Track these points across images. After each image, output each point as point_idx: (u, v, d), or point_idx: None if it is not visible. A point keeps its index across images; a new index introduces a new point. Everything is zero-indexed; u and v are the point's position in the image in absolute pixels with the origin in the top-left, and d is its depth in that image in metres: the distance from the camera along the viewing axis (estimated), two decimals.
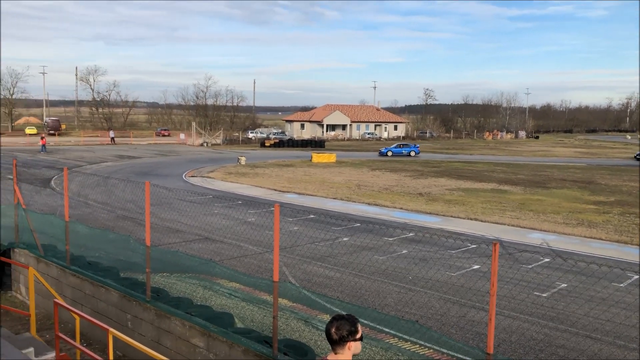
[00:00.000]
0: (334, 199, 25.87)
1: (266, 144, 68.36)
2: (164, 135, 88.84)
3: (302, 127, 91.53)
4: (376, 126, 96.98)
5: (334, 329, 3.38)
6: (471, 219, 21.01)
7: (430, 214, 22.14)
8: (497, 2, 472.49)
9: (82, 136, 76.10)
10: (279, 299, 6.95)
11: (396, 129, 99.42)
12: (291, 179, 33.24)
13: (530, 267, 14.14)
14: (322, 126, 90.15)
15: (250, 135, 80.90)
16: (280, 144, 68.70)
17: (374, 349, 7.52)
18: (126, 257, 10.02)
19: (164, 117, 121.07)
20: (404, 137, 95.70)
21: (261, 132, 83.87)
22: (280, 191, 28.17)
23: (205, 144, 69.42)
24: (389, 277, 13.01)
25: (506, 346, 9.18)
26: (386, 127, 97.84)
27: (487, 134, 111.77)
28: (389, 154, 55.88)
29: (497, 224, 20.25)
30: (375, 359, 7.40)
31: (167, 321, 7.93)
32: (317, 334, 8.23)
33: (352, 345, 3.39)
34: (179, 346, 7.73)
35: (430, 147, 74.28)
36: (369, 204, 24.27)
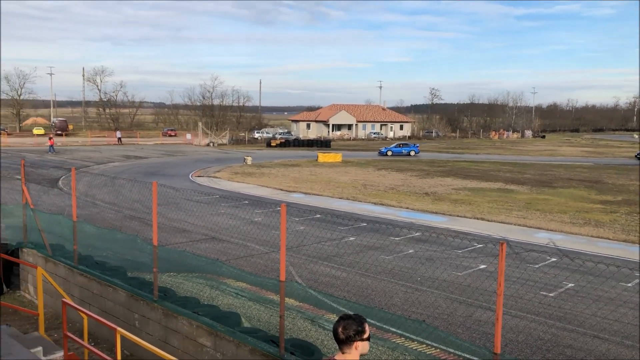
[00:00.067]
0: (340, 198, 25.87)
1: (272, 144, 68.45)
2: (171, 135, 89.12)
3: (308, 127, 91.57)
4: (382, 126, 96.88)
5: (340, 329, 3.39)
6: (477, 219, 20.96)
7: (436, 213, 22.11)
8: (504, 1, 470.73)
9: (89, 136, 76.45)
10: (286, 299, 6.97)
11: (402, 128, 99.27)
12: (297, 179, 33.26)
13: (537, 266, 14.09)
14: (328, 126, 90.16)
15: (256, 135, 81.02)
16: (286, 144, 68.76)
17: (380, 348, 7.52)
18: (133, 257, 10.06)
19: (171, 117, 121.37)
20: (409, 137, 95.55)
21: (267, 132, 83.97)
22: (286, 191, 28.20)
23: (211, 144, 69.58)
24: (396, 276, 13.00)
25: (513, 346, 9.16)
26: (392, 127, 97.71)
27: (493, 133, 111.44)
28: (388, 153, 55.82)
29: (504, 223, 20.19)
30: (382, 358, 7.40)
31: (175, 320, 7.96)
32: (323, 333, 8.24)
33: (359, 345, 3.39)
34: (187, 345, 7.76)
35: (436, 146, 74.15)
36: (375, 204, 24.26)
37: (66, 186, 27.79)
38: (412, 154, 56.38)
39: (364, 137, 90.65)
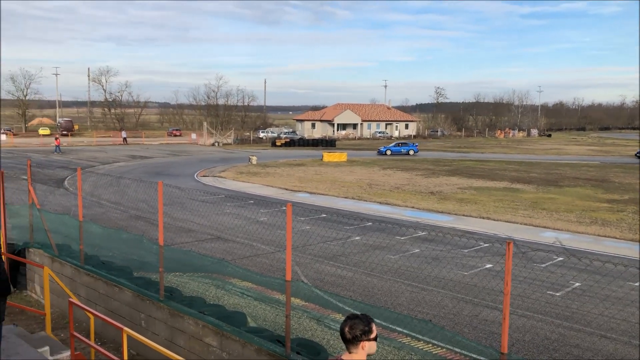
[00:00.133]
0: (346, 198, 25.85)
1: (277, 144, 68.48)
2: (176, 135, 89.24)
3: (313, 126, 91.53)
4: (387, 125, 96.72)
5: (347, 328, 3.38)
6: (483, 218, 20.90)
7: (442, 212, 22.05)
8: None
9: (94, 136, 76.67)
10: (292, 298, 6.96)
11: (407, 127, 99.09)
12: (302, 178, 33.26)
13: (543, 266, 14.04)
14: (332, 125, 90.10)
15: (261, 134, 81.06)
16: (291, 144, 68.75)
17: (386, 348, 7.50)
18: (139, 257, 10.08)
19: (176, 117, 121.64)
20: (415, 136, 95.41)
21: (272, 132, 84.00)
22: (291, 190, 28.20)
23: (216, 144, 69.66)
24: (401, 276, 12.97)
25: (520, 346, 9.13)
26: (397, 126, 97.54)
27: (499, 132, 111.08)
28: (387, 152, 55.72)
29: (510, 222, 20.13)
30: (388, 358, 7.38)
31: (181, 320, 7.97)
32: (329, 333, 8.23)
33: (366, 345, 3.38)
34: (193, 345, 7.76)
35: (441, 145, 74.00)
36: (381, 203, 24.23)
37: (72, 186, 27.88)
38: (411, 153, 56.32)
39: (369, 137, 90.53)
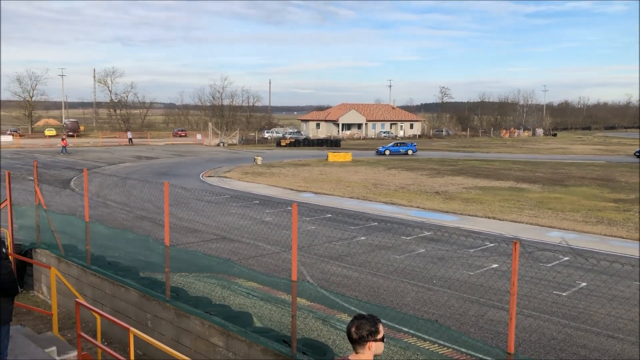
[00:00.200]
0: (351, 198, 25.84)
1: (282, 144, 68.51)
2: (181, 135, 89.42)
3: (318, 126, 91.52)
4: (392, 125, 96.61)
5: (354, 329, 3.38)
6: (489, 218, 20.85)
7: (447, 212, 22.01)
8: None
9: (100, 137, 76.93)
10: (297, 299, 6.96)
11: (412, 127, 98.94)
12: (307, 179, 33.27)
13: (549, 265, 13.98)
14: (337, 125, 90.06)
15: (266, 135, 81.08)
16: (296, 144, 68.76)
17: (392, 348, 7.49)
18: (145, 257, 10.11)
19: (181, 117, 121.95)
20: (420, 136, 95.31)
21: (277, 132, 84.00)
22: (296, 190, 28.21)
23: (221, 144, 69.76)
24: (407, 276, 12.95)
25: (526, 346, 9.10)
26: (402, 126, 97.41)
27: (504, 131, 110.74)
28: (386, 152, 55.61)
29: (515, 222, 20.06)
30: (394, 358, 7.37)
31: (187, 320, 7.98)
32: (335, 333, 8.22)
33: (373, 345, 3.38)
34: (199, 345, 7.77)
35: (446, 145, 73.85)
36: (386, 203, 24.20)
37: (78, 187, 27.99)
38: (410, 152, 56.23)
39: (373, 137, 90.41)
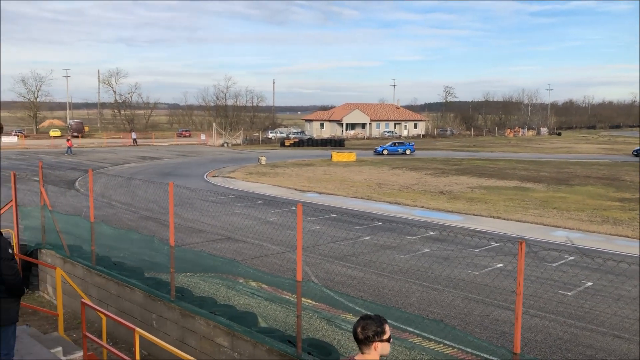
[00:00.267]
0: (355, 197, 25.82)
1: (286, 144, 68.53)
2: (185, 136, 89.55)
3: (322, 126, 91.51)
4: (396, 124, 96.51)
5: (360, 329, 3.38)
6: (494, 217, 20.80)
7: (452, 212, 21.97)
8: None
9: (104, 138, 77.12)
10: (302, 299, 6.95)
11: (416, 127, 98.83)
12: (311, 178, 33.26)
13: (555, 265, 13.94)
14: (341, 125, 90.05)
15: (270, 135, 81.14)
16: (299, 144, 68.77)
17: (398, 348, 7.47)
18: (150, 257, 10.11)
19: (185, 118, 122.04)
20: (424, 135, 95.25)
21: (281, 132, 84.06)
22: (300, 190, 28.21)
23: (225, 145, 69.84)
24: (412, 276, 12.93)
25: (532, 346, 9.06)
26: (406, 125, 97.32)
27: (509, 131, 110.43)
28: (384, 152, 55.50)
29: (520, 222, 20.01)
30: (399, 358, 7.35)
31: (192, 320, 7.99)
32: (340, 333, 8.21)
33: (379, 345, 3.37)
34: (204, 345, 7.78)
35: (450, 144, 73.71)
36: (390, 203, 24.17)
37: (83, 187, 28.06)
38: (408, 152, 56.15)
39: (377, 136, 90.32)
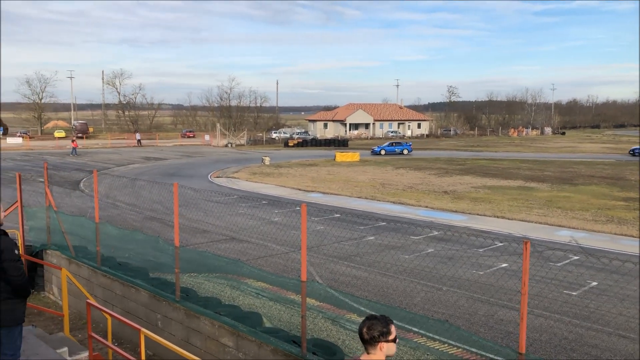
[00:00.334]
0: (359, 198, 25.81)
1: (290, 144, 68.56)
2: (189, 136, 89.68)
3: (325, 126, 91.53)
4: (399, 124, 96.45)
5: (365, 329, 3.38)
6: (498, 217, 20.76)
7: (456, 212, 21.94)
8: None
9: (109, 139, 77.32)
10: (306, 299, 6.96)
11: (420, 127, 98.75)
12: (315, 179, 33.27)
13: (559, 265, 13.90)
14: (345, 125, 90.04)
15: (273, 135, 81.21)
16: (303, 144, 68.79)
17: (402, 348, 7.47)
18: (155, 258, 10.13)
19: (189, 118, 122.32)
20: (427, 135, 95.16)
21: (284, 132, 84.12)
22: (304, 191, 28.22)
23: (229, 145, 69.92)
24: (417, 276, 12.93)
25: (537, 346, 9.05)
26: (409, 125, 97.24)
27: (512, 130, 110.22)
28: (382, 152, 55.45)
29: (524, 221, 19.97)
30: (404, 358, 7.35)
31: (197, 321, 8.00)
32: (344, 333, 8.22)
33: (385, 346, 3.37)
34: (209, 346, 7.79)
35: (454, 144, 73.62)
36: (394, 203, 24.16)
37: (87, 188, 28.14)
38: (405, 152, 56.15)
39: (381, 136, 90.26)
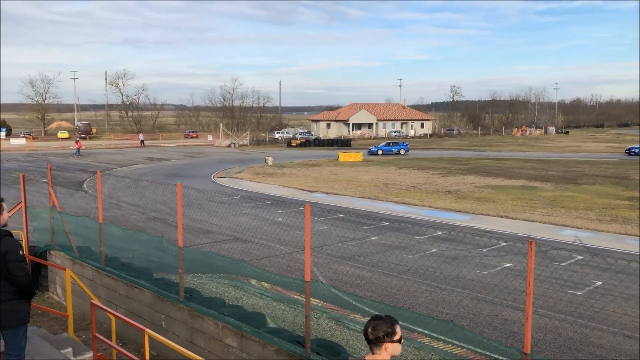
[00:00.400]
0: (362, 197, 25.79)
1: (292, 144, 68.55)
2: (192, 137, 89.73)
3: (328, 126, 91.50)
4: (403, 124, 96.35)
5: (370, 329, 3.37)
6: (501, 217, 20.71)
7: (459, 212, 21.90)
8: None
9: (112, 139, 77.44)
10: (310, 299, 6.94)
11: (423, 126, 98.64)
12: (318, 179, 33.26)
13: (564, 264, 13.86)
14: (348, 125, 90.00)
15: (276, 135, 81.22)
16: (306, 144, 68.79)
17: (407, 348, 7.45)
18: (159, 258, 10.13)
19: (192, 119, 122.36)
20: (431, 135, 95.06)
21: (287, 132, 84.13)
22: (307, 191, 28.21)
23: (232, 145, 69.97)
24: (420, 276, 12.90)
25: (542, 346, 9.01)
26: (412, 125, 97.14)
27: (516, 130, 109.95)
28: (379, 152, 55.40)
29: (528, 221, 19.92)
30: (408, 358, 7.33)
31: (200, 321, 8.00)
32: (348, 333, 8.20)
33: (389, 346, 3.36)
34: (213, 346, 7.78)
35: (457, 144, 73.50)
36: (397, 203, 24.13)
37: (91, 189, 28.18)
38: (402, 152, 56.13)
39: (384, 136, 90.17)
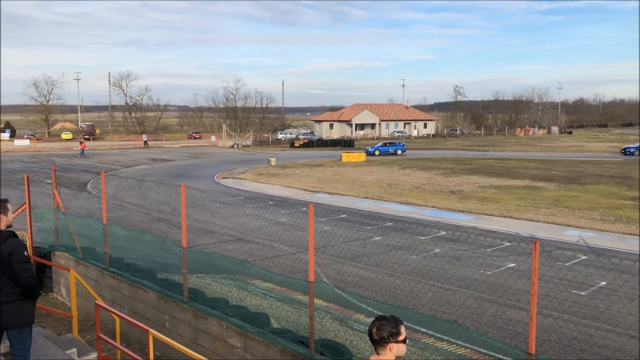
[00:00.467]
0: (365, 198, 25.78)
1: (295, 145, 68.58)
2: (196, 138, 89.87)
3: (331, 127, 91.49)
4: (405, 124, 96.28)
5: (375, 329, 3.36)
6: (505, 217, 20.68)
7: (463, 212, 21.87)
8: None
9: (116, 140, 77.59)
10: (314, 299, 6.95)
11: (426, 126, 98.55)
12: (321, 179, 33.26)
13: (568, 264, 13.83)
14: (351, 125, 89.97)
15: (279, 136, 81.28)
16: (309, 144, 68.81)
17: (410, 348, 7.44)
18: (163, 259, 10.14)
19: (195, 120, 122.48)
20: (434, 135, 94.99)
21: (290, 133, 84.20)
22: (310, 191, 28.21)
23: (235, 146, 70.03)
24: (424, 276, 12.89)
25: (547, 346, 9.00)
26: (415, 125, 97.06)
27: (519, 130, 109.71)
28: (376, 153, 55.41)
29: (532, 221, 19.88)
30: (412, 358, 7.33)
31: (204, 321, 8.01)
32: (352, 334, 8.20)
33: (394, 346, 3.35)
34: (217, 346, 7.79)
35: (460, 144, 73.41)
36: (401, 203, 24.11)
37: (95, 189, 28.25)
38: (399, 152, 56.20)
39: (387, 136, 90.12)
